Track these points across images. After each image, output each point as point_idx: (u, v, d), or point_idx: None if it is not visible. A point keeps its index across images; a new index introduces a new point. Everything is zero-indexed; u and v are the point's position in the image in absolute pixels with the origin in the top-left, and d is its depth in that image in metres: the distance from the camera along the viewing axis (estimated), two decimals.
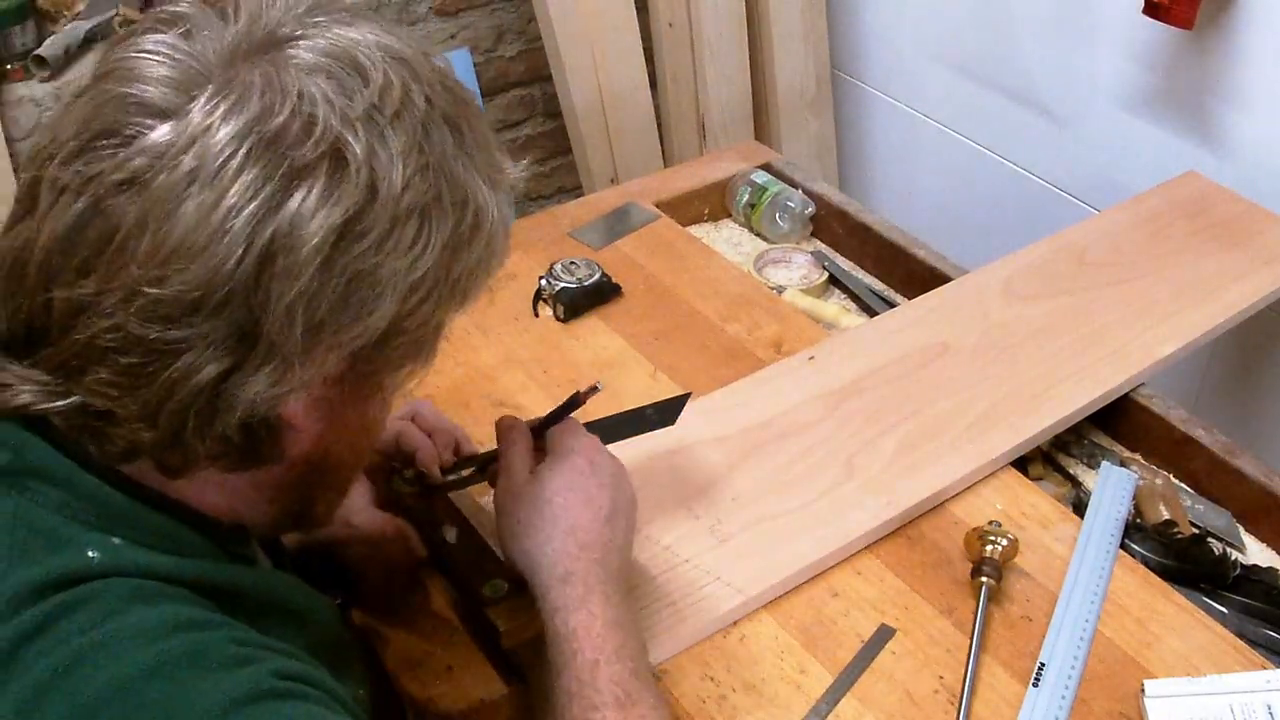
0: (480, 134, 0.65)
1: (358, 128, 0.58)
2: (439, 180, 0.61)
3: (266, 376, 0.59)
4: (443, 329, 0.67)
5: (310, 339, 0.59)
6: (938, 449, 1.05)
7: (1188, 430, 1.12)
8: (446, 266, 0.62)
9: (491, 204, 0.64)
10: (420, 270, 0.61)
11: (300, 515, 0.73)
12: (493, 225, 0.65)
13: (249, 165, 0.56)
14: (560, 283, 1.26)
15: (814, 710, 0.86)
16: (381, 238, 0.59)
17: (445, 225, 0.62)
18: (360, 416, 0.68)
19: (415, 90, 0.61)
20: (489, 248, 0.65)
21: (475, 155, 0.64)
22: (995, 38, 1.86)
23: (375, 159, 0.59)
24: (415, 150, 0.60)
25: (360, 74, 0.60)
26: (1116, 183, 1.71)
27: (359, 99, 0.59)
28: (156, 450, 0.61)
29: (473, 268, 0.65)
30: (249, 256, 0.56)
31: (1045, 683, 0.87)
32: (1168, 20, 1.49)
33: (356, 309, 0.59)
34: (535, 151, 2.44)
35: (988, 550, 0.94)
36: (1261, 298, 1.26)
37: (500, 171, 0.67)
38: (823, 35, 2.14)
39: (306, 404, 0.64)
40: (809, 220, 1.48)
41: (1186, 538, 1.03)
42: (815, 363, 1.15)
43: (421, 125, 0.61)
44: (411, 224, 0.60)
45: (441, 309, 0.64)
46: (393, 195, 0.59)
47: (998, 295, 1.25)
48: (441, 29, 2.21)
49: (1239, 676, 0.86)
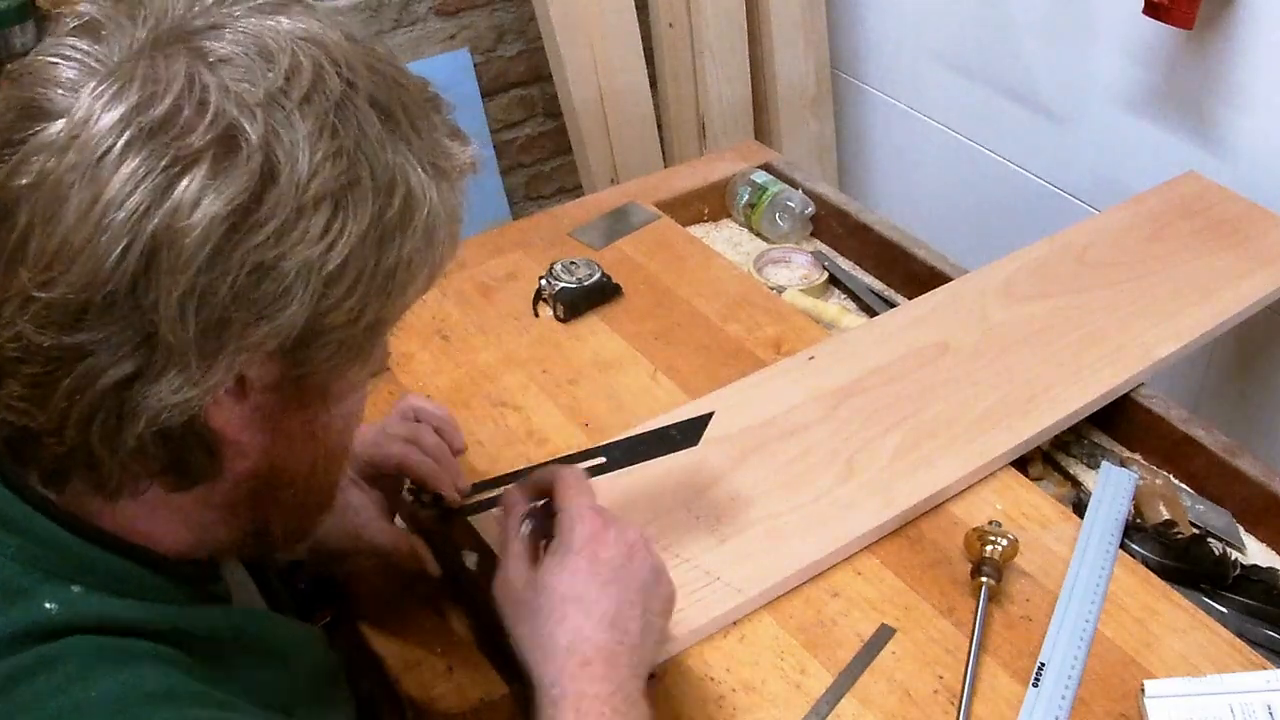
0: (421, 119, 0.61)
1: (256, 112, 0.54)
2: (356, 165, 0.57)
3: (170, 382, 0.55)
4: (382, 328, 0.62)
5: (211, 339, 0.55)
6: (937, 449, 1.05)
7: (1188, 430, 1.12)
8: (372, 258, 0.58)
9: (430, 190, 0.60)
10: (334, 261, 0.56)
11: (259, 537, 0.69)
12: (431, 213, 0.60)
13: (129, 156, 0.53)
14: (560, 283, 1.26)
15: (814, 710, 0.86)
16: (284, 227, 0.54)
17: (365, 212, 0.57)
18: (305, 426, 0.64)
19: (330, 73, 0.57)
20: (427, 237, 0.60)
21: (413, 141, 0.60)
22: (995, 38, 1.86)
23: (275, 143, 0.54)
24: (327, 134, 0.56)
25: (267, 59, 0.56)
26: (1116, 183, 1.71)
27: (261, 83, 0.55)
28: (78, 468, 0.58)
29: (408, 259, 0.59)
30: (131, 253, 0.53)
31: (1045, 683, 0.87)
32: (1168, 20, 1.49)
33: (261, 305, 0.55)
34: (535, 151, 2.45)
35: (988, 550, 0.94)
36: (1261, 298, 1.26)
37: (448, 158, 0.62)
38: (823, 35, 2.14)
39: (242, 414, 0.60)
40: (809, 220, 1.48)
41: (1186, 538, 1.03)
42: (815, 363, 1.15)
43: (336, 108, 0.56)
44: (322, 212, 0.55)
45: (372, 305, 0.59)
46: (296, 181, 0.55)
47: (998, 295, 1.25)
48: (441, 29, 2.21)
49: (1239, 676, 0.86)
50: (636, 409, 1.13)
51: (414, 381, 1.17)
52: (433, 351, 1.21)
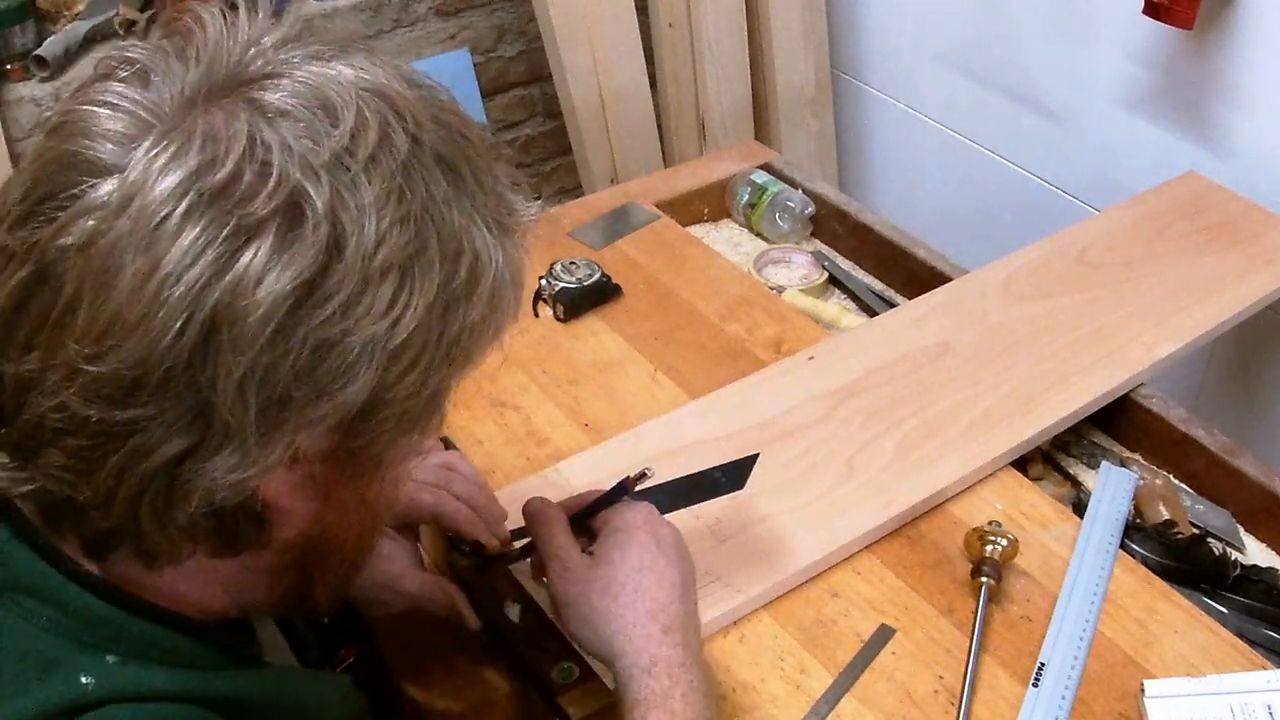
0: (486, 173, 0.58)
1: (321, 176, 0.51)
2: (424, 231, 0.53)
3: (225, 460, 0.52)
4: (444, 396, 0.60)
5: (271, 418, 0.52)
6: (938, 449, 1.05)
7: (1188, 430, 1.12)
8: (437, 328, 0.55)
9: (495, 253, 0.57)
10: (401, 335, 0.53)
11: (300, 600, 0.67)
12: (497, 277, 0.57)
13: (189, 225, 0.49)
14: (560, 283, 1.26)
15: (814, 710, 0.86)
16: (349, 301, 0.51)
17: (432, 282, 0.54)
18: (357, 495, 0.61)
19: (396, 129, 0.54)
20: (493, 302, 0.57)
21: (478, 198, 0.56)
22: (995, 38, 1.86)
23: (341, 211, 0.51)
24: (394, 198, 0.52)
25: (330, 114, 0.53)
26: (1116, 183, 1.71)
27: (325, 143, 0.52)
28: (123, 540, 0.56)
29: (473, 326, 0.57)
30: (190, 329, 0.49)
31: (1045, 683, 0.87)
32: (1168, 20, 1.49)
33: (324, 383, 0.52)
34: (535, 151, 2.45)
35: (988, 550, 0.94)
36: (1261, 298, 1.26)
37: (511, 214, 0.59)
38: (823, 35, 2.14)
39: (293, 484, 0.57)
40: (809, 220, 1.48)
41: (1186, 538, 1.03)
42: (815, 363, 1.15)
43: (403, 169, 0.53)
44: (388, 283, 0.52)
45: (435, 375, 0.56)
46: (363, 252, 0.51)
47: (998, 295, 1.25)
48: (441, 29, 2.21)
49: (1239, 676, 0.86)
50: (636, 409, 1.13)
51: None
52: None
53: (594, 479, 1.01)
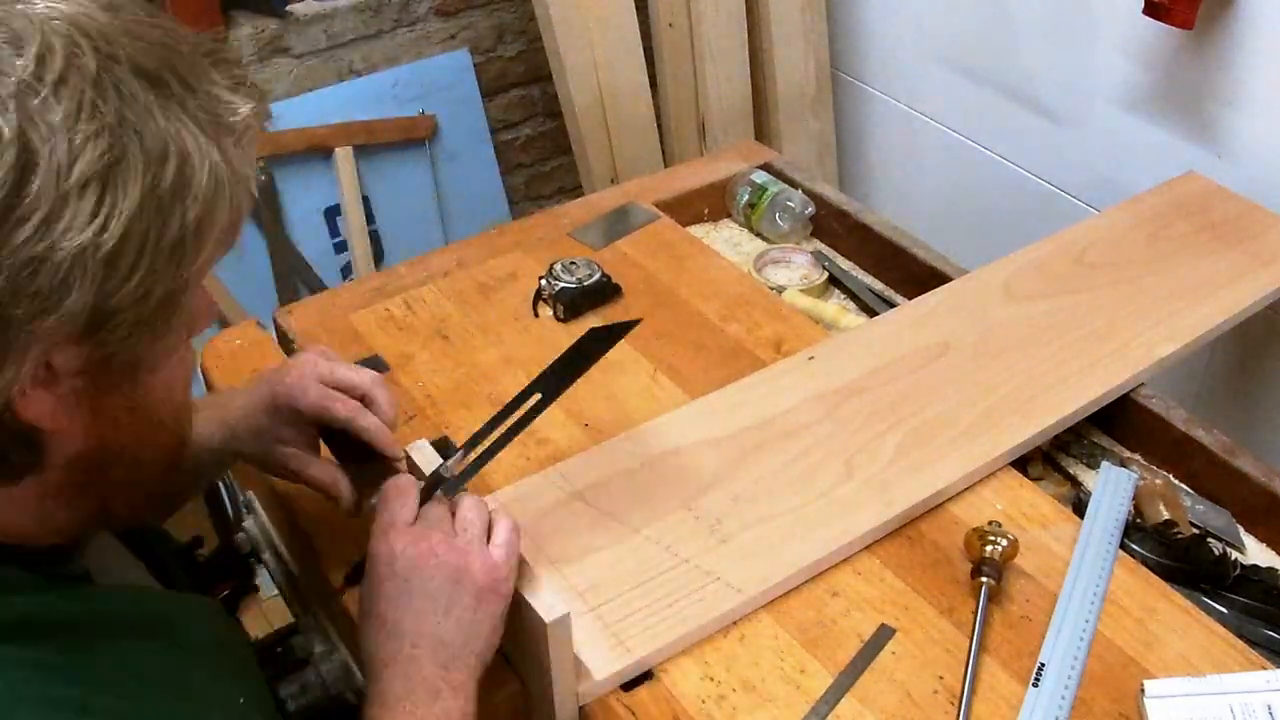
0: (197, 78, 0.59)
1: (9, 104, 0.53)
2: (121, 140, 0.55)
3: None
4: (180, 295, 0.61)
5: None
6: (938, 449, 1.05)
7: (1188, 430, 1.12)
8: (154, 232, 0.57)
9: (209, 152, 0.58)
10: (111, 243, 0.55)
11: (102, 516, 0.69)
12: (212, 174, 0.59)
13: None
14: (560, 283, 1.26)
15: (814, 710, 0.86)
16: (50, 217, 0.53)
17: (136, 187, 0.55)
18: (124, 402, 0.63)
19: (85, 50, 0.55)
20: (211, 200, 0.59)
21: (187, 103, 0.58)
22: (995, 38, 1.86)
23: (30, 132, 0.53)
24: (85, 114, 0.54)
25: (15, 46, 0.54)
26: (1116, 183, 1.71)
27: (12, 71, 0.53)
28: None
29: (193, 225, 0.58)
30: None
31: (1045, 683, 0.87)
32: (1168, 20, 1.49)
33: (42, 299, 0.54)
34: (535, 151, 2.45)
35: (988, 550, 0.94)
36: (1261, 298, 1.26)
37: (232, 113, 0.61)
38: (823, 35, 2.14)
39: (54, 403, 0.59)
40: (809, 220, 1.48)
41: (1186, 538, 1.03)
42: (815, 363, 1.15)
43: (94, 85, 0.55)
44: (89, 195, 0.54)
45: (162, 277, 0.58)
46: (57, 168, 0.53)
47: (998, 295, 1.25)
48: (441, 29, 2.21)
49: (1239, 676, 0.86)
50: (636, 409, 1.13)
51: (414, 381, 1.17)
52: (433, 351, 1.21)
53: (594, 479, 1.01)
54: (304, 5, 2.07)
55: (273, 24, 2.04)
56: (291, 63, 2.09)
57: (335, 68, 2.14)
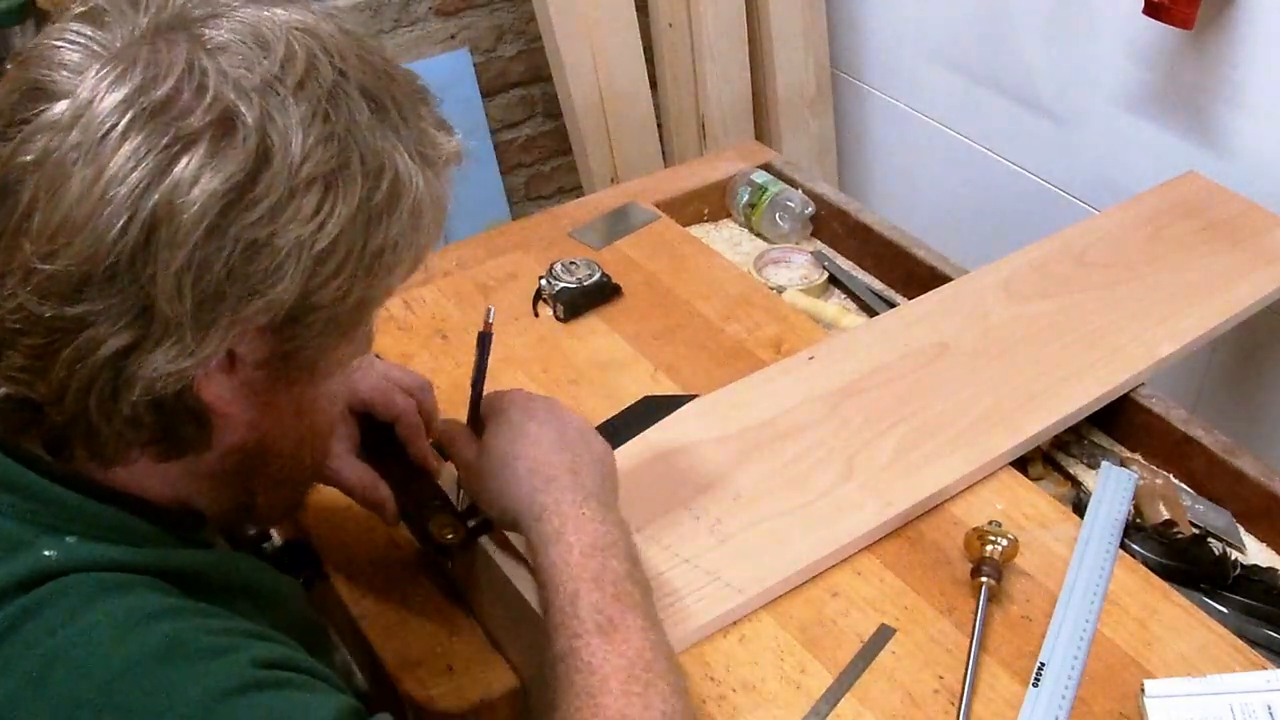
0: (409, 110, 0.64)
1: (252, 96, 0.57)
2: (346, 149, 0.60)
3: (165, 353, 0.58)
4: (369, 307, 0.65)
5: (205, 312, 0.58)
6: (938, 449, 1.05)
7: (1188, 430, 1.12)
8: (360, 238, 0.61)
9: (416, 177, 0.63)
10: (325, 240, 0.59)
11: (244, 509, 0.72)
12: (417, 198, 0.63)
13: (131, 134, 0.55)
14: (560, 283, 1.26)
15: (814, 710, 0.86)
16: (277, 206, 0.57)
17: (354, 195, 0.60)
18: (292, 403, 0.67)
19: (323, 62, 0.60)
20: (414, 221, 0.63)
21: (401, 129, 0.63)
22: (995, 38, 1.86)
23: (270, 127, 0.57)
24: (319, 119, 0.59)
25: (263, 47, 0.59)
26: (1116, 183, 1.71)
27: (257, 70, 0.58)
28: (76, 436, 0.61)
29: (394, 241, 0.63)
30: (132, 227, 0.55)
31: (1045, 683, 0.87)
32: (1168, 20, 1.49)
33: (254, 281, 0.58)
34: (535, 151, 2.45)
35: (988, 550, 0.94)
36: (1261, 298, 1.26)
37: (434, 148, 0.65)
38: (823, 35, 2.14)
39: (232, 389, 0.63)
40: (809, 220, 1.48)
41: (1186, 538, 1.03)
42: (815, 363, 1.15)
43: (328, 95, 0.59)
44: (313, 193, 0.58)
45: (359, 284, 0.62)
46: (289, 163, 0.57)
47: (998, 295, 1.25)
48: (441, 29, 2.21)
49: (1239, 676, 0.86)
50: None
51: None
52: (433, 351, 1.21)
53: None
54: None
55: None
56: None
57: None
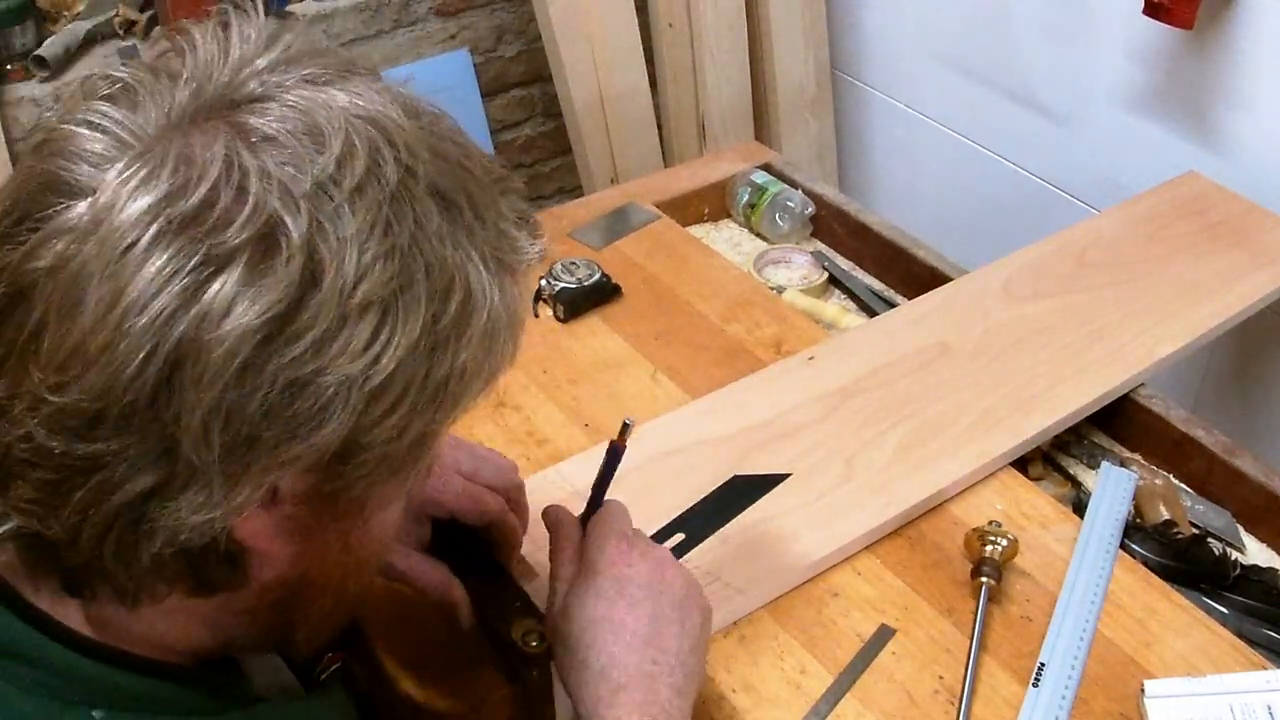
0: (488, 207, 0.55)
1: (300, 205, 0.48)
2: (410, 265, 0.51)
3: (190, 500, 0.49)
4: (431, 440, 0.56)
5: (238, 459, 0.49)
6: (938, 449, 1.05)
7: (1188, 430, 1.12)
8: (422, 369, 0.52)
9: (491, 291, 0.54)
10: (380, 376, 0.50)
11: (282, 642, 0.65)
12: (491, 317, 0.54)
13: (156, 251, 0.47)
14: (560, 283, 1.26)
15: (814, 710, 0.86)
16: (324, 338, 0.49)
17: (416, 320, 0.51)
18: (340, 539, 0.59)
19: (387, 159, 0.51)
20: (486, 344, 0.55)
21: (476, 233, 0.54)
22: (995, 38, 1.86)
23: (320, 242, 0.48)
24: (379, 230, 0.50)
25: (316, 141, 0.50)
26: (1116, 183, 1.71)
27: (308, 170, 0.49)
28: (95, 578, 0.54)
29: (463, 368, 0.54)
30: (153, 362, 0.47)
31: (1045, 683, 0.87)
32: (1168, 20, 1.49)
33: (296, 424, 0.49)
34: (535, 151, 2.45)
35: (988, 550, 0.94)
36: (1261, 298, 1.26)
37: (514, 251, 0.56)
38: (823, 35, 2.14)
39: (270, 525, 0.54)
40: (809, 220, 1.48)
41: (1186, 538, 1.03)
42: (815, 363, 1.15)
43: (392, 200, 0.51)
44: (368, 321, 0.49)
45: (420, 419, 0.53)
46: (341, 286, 0.49)
47: (998, 295, 1.25)
48: (442, 29, 2.21)
49: (1239, 676, 0.86)
50: (636, 409, 1.13)
51: None
52: None
53: (593, 479, 1.00)
54: (304, 5, 2.07)
55: (272, 24, 2.03)
56: None
57: None
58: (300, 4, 2.07)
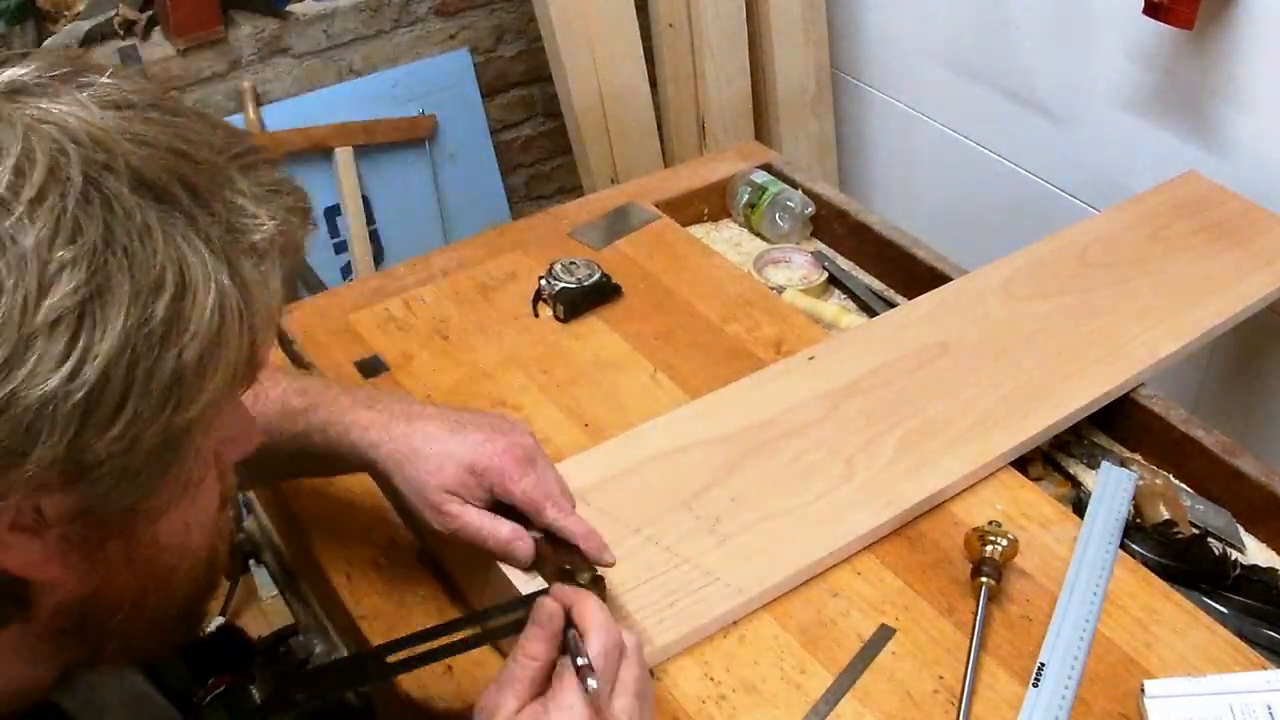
0: (216, 188, 0.52)
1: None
2: (106, 268, 0.47)
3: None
4: (178, 441, 0.52)
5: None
6: (938, 449, 1.05)
7: (1188, 430, 1.12)
8: (140, 374, 0.48)
9: (218, 277, 0.50)
10: (84, 389, 0.47)
11: (92, 659, 0.62)
12: (219, 305, 0.50)
13: None
14: (560, 283, 1.26)
15: (814, 710, 0.86)
16: (10, 362, 0.45)
17: (118, 325, 0.47)
18: (124, 550, 0.56)
19: (72, 158, 0.48)
20: (215, 335, 0.50)
21: (198, 218, 0.50)
22: (995, 38, 1.86)
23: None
24: (63, 237, 0.46)
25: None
26: (1116, 183, 1.71)
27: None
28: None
29: (192, 363, 0.50)
30: None
31: (1045, 683, 0.87)
32: (1168, 20, 1.49)
33: (4, 451, 0.46)
34: (535, 151, 2.45)
35: (988, 550, 0.94)
36: (1261, 298, 1.26)
37: (254, 229, 0.53)
38: (823, 35, 2.14)
39: (44, 550, 0.52)
40: (809, 220, 1.48)
41: (1186, 538, 1.03)
42: (815, 363, 1.15)
43: (80, 202, 0.47)
44: (58, 336, 0.46)
45: (152, 426, 0.50)
46: (24, 303, 0.45)
47: (998, 295, 1.25)
48: (441, 29, 2.22)
49: (1239, 676, 0.86)
50: (637, 409, 1.13)
51: (414, 382, 1.17)
52: (433, 351, 1.21)
53: (594, 479, 1.01)
54: (304, 5, 2.07)
55: (273, 24, 2.04)
56: (291, 63, 2.09)
57: (335, 68, 2.14)
58: (300, 4, 2.07)
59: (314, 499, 1.03)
